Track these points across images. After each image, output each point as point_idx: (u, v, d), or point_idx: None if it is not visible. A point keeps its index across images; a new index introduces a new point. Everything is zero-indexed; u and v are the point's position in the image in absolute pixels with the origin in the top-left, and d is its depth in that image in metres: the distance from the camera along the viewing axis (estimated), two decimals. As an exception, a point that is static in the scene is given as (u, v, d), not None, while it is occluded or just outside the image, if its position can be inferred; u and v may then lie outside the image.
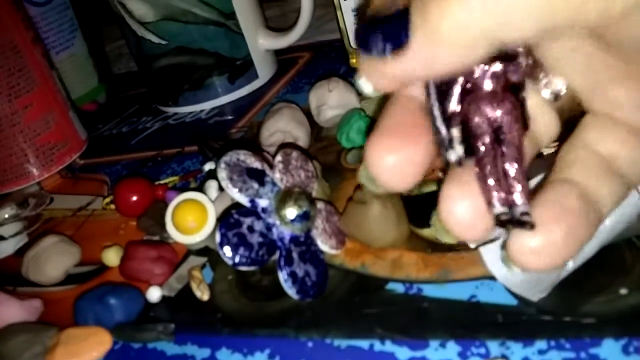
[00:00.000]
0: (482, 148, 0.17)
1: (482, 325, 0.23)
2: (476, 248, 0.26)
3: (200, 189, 0.36)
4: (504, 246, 0.18)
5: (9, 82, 0.44)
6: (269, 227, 0.27)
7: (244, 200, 0.27)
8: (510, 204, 0.17)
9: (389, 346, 0.23)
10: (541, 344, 0.21)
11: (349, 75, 0.46)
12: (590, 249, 0.23)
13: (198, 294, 0.29)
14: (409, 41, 0.16)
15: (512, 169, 0.17)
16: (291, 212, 0.27)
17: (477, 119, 0.17)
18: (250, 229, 0.26)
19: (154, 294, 0.30)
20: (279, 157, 0.29)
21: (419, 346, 0.23)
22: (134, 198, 0.37)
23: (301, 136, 0.38)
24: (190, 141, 0.47)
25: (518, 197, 0.17)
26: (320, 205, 0.29)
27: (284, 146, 0.32)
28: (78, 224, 0.41)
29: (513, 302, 0.24)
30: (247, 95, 0.54)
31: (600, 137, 0.19)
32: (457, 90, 0.18)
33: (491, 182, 0.17)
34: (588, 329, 0.21)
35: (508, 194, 0.17)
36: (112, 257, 0.34)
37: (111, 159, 0.50)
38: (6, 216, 0.42)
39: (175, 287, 0.31)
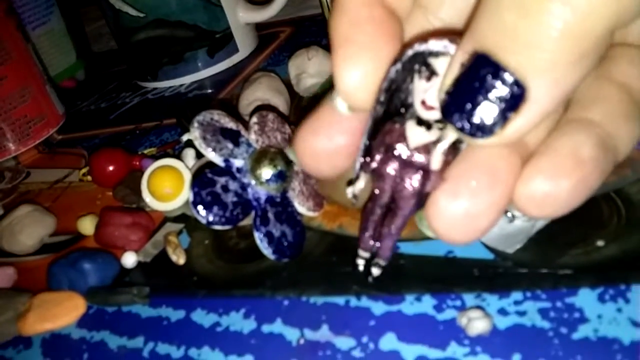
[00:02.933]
0: (375, 204, 0.19)
1: (458, 279, 0.23)
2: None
3: (178, 158, 0.36)
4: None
5: (-18, 54, 0.43)
6: (243, 187, 0.26)
7: (217, 159, 0.26)
8: (373, 254, 0.20)
9: (364, 302, 0.23)
10: (517, 295, 0.21)
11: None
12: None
13: (174, 258, 0.29)
14: (526, 90, 0.14)
15: (390, 231, 0.19)
16: (267, 172, 0.26)
17: (382, 185, 0.19)
18: (225, 188, 0.26)
19: (129, 259, 0.30)
20: (254, 119, 0.29)
21: (395, 301, 0.23)
22: (110, 168, 0.37)
23: (280, 104, 0.38)
24: (168, 114, 0.46)
25: (384, 253, 0.20)
26: (297, 167, 0.29)
27: (260, 108, 0.31)
28: (54, 195, 0.40)
29: (490, 256, 0.23)
30: (227, 69, 0.53)
31: (630, 70, 0.17)
32: (382, 149, 0.18)
33: (367, 234, 0.20)
34: (564, 280, 0.21)
35: (376, 247, 0.20)
36: (87, 225, 0.33)
37: (89, 133, 0.50)
38: (-19, 189, 0.41)
39: (151, 252, 0.30)
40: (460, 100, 0.15)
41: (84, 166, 0.42)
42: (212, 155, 0.26)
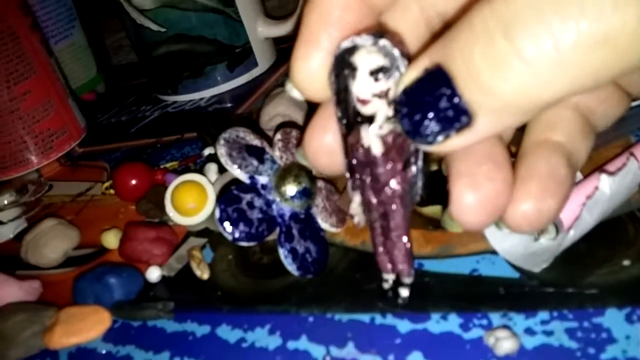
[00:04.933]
0: (372, 219, 0.19)
1: (483, 297, 0.23)
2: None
3: (200, 172, 0.36)
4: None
5: (7, 69, 0.44)
6: (268, 204, 0.27)
7: (243, 176, 0.27)
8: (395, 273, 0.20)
9: (390, 319, 0.23)
10: (544, 314, 0.21)
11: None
12: (592, 219, 0.23)
13: (198, 273, 0.29)
14: (472, 120, 0.15)
15: (392, 242, 0.19)
16: (291, 188, 0.27)
17: (366, 194, 0.19)
18: (250, 205, 0.26)
19: (154, 273, 0.30)
20: (278, 136, 0.29)
21: (421, 319, 0.23)
22: (133, 182, 0.37)
23: (301, 119, 0.38)
24: (189, 128, 0.47)
25: (401, 268, 0.20)
26: (320, 183, 0.29)
27: (283, 125, 0.31)
28: (77, 209, 0.41)
29: (515, 275, 0.23)
30: (247, 83, 0.54)
31: (583, 95, 0.19)
32: (355, 161, 0.19)
33: (380, 251, 0.20)
34: (591, 300, 0.21)
35: (393, 264, 0.20)
36: (111, 239, 0.34)
37: (110, 146, 0.50)
38: (5, 202, 0.41)
39: (175, 267, 0.31)
40: (412, 107, 0.16)
41: (107, 179, 0.43)
42: (237, 173, 0.26)
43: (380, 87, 0.17)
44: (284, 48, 0.59)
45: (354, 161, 0.19)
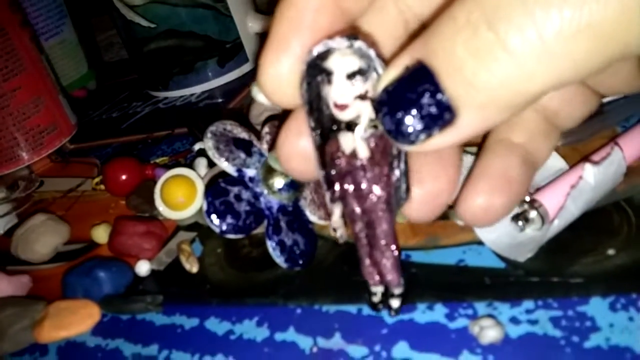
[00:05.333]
0: (356, 229, 0.19)
1: (469, 287, 0.23)
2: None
3: (190, 167, 0.36)
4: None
5: (-4, 65, 0.44)
6: (256, 196, 0.27)
7: (231, 169, 0.27)
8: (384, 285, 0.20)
9: (377, 310, 0.23)
10: (529, 303, 0.21)
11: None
12: (576, 209, 0.23)
13: (187, 266, 0.29)
14: (456, 117, 0.15)
15: (380, 251, 0.19)
16: (279, 181, 0.27)
17: (348, 204, 0.19)
18: (238, 197, 0.26)
19: (143, 267, 0.30)
20: (266, 129, 0.29)
21: (407, 309, 0.23)
22: (123, 177, 0.37)
23: (291, 113, 0.38)
24: (180, 123, 0.47)
25: (390, 277, 0.19)
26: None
27: (271, 118, 0.32)
28: (68, 204, 0.41)
29: (501, 265, 0.24)
30: (237, 78, 0.54)
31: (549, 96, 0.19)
32: (333, 171, 0.18)
33: (367, 264, 0.20)
34: (576, 289, 0.21)
35: (382, 276, 0.20)
36: (101, 234, 0.34)
37: (101, 142, 0.50)
38: (-5, 198, 0.41)
39: (164, 261, 0.31)
40: (393, 105, 0.15)
41: (97, 175, 0.43)
42: (225, 165, 0.26)
43: (359, 90, 0.16)
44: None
45: (333, 172, 0.18)
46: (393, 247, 0.19)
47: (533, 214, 0.24)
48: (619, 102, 0.29)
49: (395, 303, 0.20)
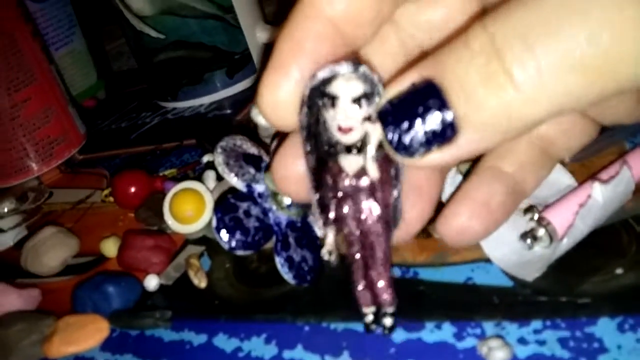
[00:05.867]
0: (352, 252, 0.19)
1: (477, 306, 0.23)
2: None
3: (199, 179, 0.36)
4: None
5: (8, 76, 0.44)
6: (265, 212, 0.27)
7: (240, 185, 0.27)
8: (377, 305, 0.20)
9: (385, 328, 0.23)
10: (537, 323, 0.21)
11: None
12: (585, 227, 0.23)
13: (195, 281, 0.29)
14: (456, 135, 0.16)
15: (377, 272, 0.19)
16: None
17: (346, 227, 0.19)
18: (247, 213, 0.26)
19: (152, 282, 0.30)
20: (275, 144, 0.29)
21: (415, 328, 0.23)
22: (132, 189, 0.37)
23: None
24: (188, 134, 0.47)
25: (384, 297, 0.20)
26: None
27: (280, 133, 0.32)
28: (77, 216, 0.41)
29: (509, 283, 0.24)
30: (246, 89, 0.54)
31: (547, 125, 0.20)
32: (330, 194, 0.19)
33: (360, 286, 0.20)
34: (584, 309, 0.21)
35: (375, 297, 0.20)
36: (110, 247, 0.34)
37: (110, 153, 0.51)
38: (5, 210, 0.42)
39: (173, 275, 0.31)
40: (399, 115, 0.16)
41: (106, 187, 0.43)
42: (234, 181, 0.27)
43: (363, 113, 0.17)
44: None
45: (330, 194, 0.19)
46: (388, 267, 0.19)
47: (541, 232, 0.24)
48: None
49: (388, 322, 0.20)
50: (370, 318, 0.20)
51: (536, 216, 0.24)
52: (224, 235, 0.25)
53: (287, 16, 0.18)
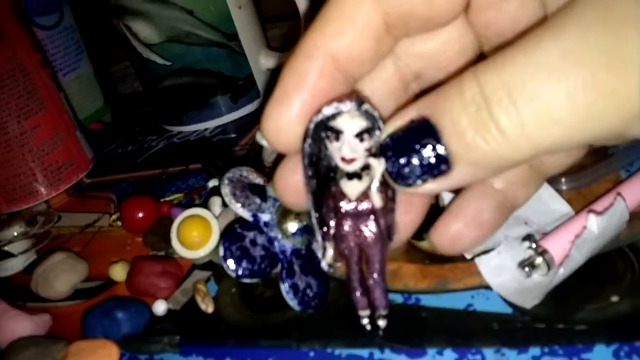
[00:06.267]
0: (350, 264, 0.21)
1: (478, 333, 0.24)
2: (472, 259, 0.27)
3: (205, 205, 0.37)
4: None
5: (18, 104, 0.45)
6: (270, 241, 0.28)
7: (246, 215, 0.28)
8: (372, 309, 0.22)
9: (388, 354, 0.24)
10: (535, 350, 0.22)
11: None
12: (581, 257, 0.24)
13: (203, 306, 0.30)
14: (450, 169, 0.17)
15: (374, 282, 0.21)
16: (292, 225, 0.28)
17: (346, 244, 0.21)
18: (253, 242, 0.27)
19: (160, 307, 0.31)
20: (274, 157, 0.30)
21: (417, 354, 0.24)
22: (140, 215, 0.38)
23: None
24: (194, 159, 0.48)
25: (380, 302, 0.21)
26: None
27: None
28: (85, 240, 0.42)
29: (508, 310, 0.24)
30: (250, 113, 0.55)
31: None
32: (331, 214, 0.20)
33: (358, 294, 0.21)
34: (580, 336, 0.22)
35: (370, 302, 0.21)
36: (119, 272, 0.35)
37: (117, 177, 0.51)
38: (15, 234, 0.43)
39: (181, 300, 0.32)
40: (397, 151, 0.18)
41: (114, 211, 0.44)
42: (241, 211, 0.28)
43: (364, 146, 0.18)
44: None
45: (331, 214, 0.20)
46: (384, 276, 0.21)
47: (539, 260, 0.24)
48: (623, 146, 0.30)
49: (382, 323, 0.22)
50: (365, 321, 0.22)
51: (534, 245, 0.25)
52: (231, 264, 0.26)
53: (291, 49, 0.20)
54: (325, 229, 0.21)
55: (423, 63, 0.22)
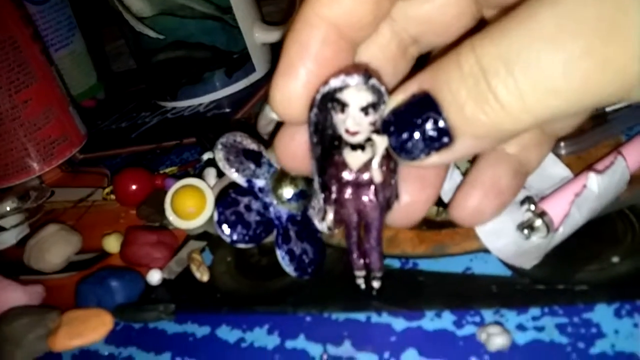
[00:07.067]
0: (349, 228, 0.22)
1: (476, 295, 0.23)
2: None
3: (199, 176, 0.36)
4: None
5: (8, 77, 0.45)
6: (266, 206, 0.27)
7: (241, 180, 0.27)
8: (367, 270, 0.23)
9: (385, 317, 0.24)
10: (535, 311, 0.22)
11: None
12: (581, 217, 0.23)
13: (197, 275, 0.30)
14: (452, 142, 0.17)
15: (371, 246, 0.22)
16: (287, 191, 0.27)
17: (346, 210, 0.21)
18: (248, 207, 0.27)
19: (154, 276, 0.30)
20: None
21: (415, 317, 0.23)
22: (134, 187, 0.38)
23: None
24: (188, 133, 0.48)
25: (375, 265, 0.23)
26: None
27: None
28: (79, 214, 0.41)
29: (507, 273, 0.24)
30: (245, 88, 0.54)
31: None
32: (333, 180, 0.21)
33: (354, 255, 0.23)
34: (581, 296, 0.22)
35: (366, 264, 0.23)
36: (112, 243, 0.34)
37: (111, 152, 0.51)
38: (7, 209, 0.42)
39: (175, 270, 0.31)
40: (400, 126, 0.18)
41: (107, 185, 0.43)
42: (235, 176, 0.27)
43: (369, 120, 0.19)
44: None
45: (333, 180, 0.21)
46: (380, 242, 0.22)
47: (538, 222, 0.24)
48: (623, 111, 0.30)
49: (376, 284, 0.23)
50: (361, 280, 0.24)
51: (533, 207, 0.24)
52: (225, 229, 0.26)
53: (290, 20, 0.20)
54: (327, 193, 0.21)
55: (420, 27, 0.22)
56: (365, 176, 0.20)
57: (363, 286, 0.24)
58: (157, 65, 0.53)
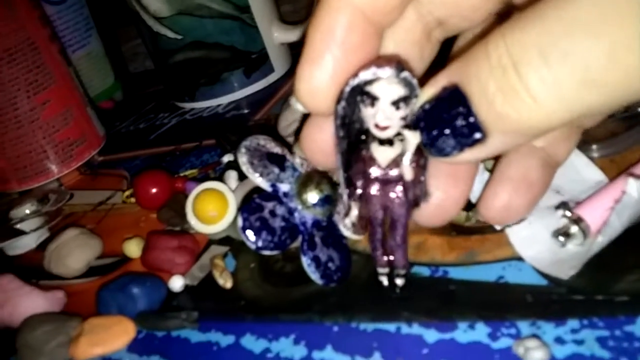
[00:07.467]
0: (374, 225, 0.21)
1: (511, 305, 0.23)
2: (502, 230, 0.25)
3: (220, 179, 0.36)
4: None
5: (27, 79, 0.44)
6: (290, 212, 0.26)
7: (265, 184, 0.26)
8: (391, 268, 0.23)
9: (416, 329, 0.23)
10: (573, 322, 0.21)
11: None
12: (620, 224, 0.23)
13: (221, 282, 0.29)
14: (484, 138, 0.16)
15: (396, 244, 0.22)
16: (313, 196, 0.26)
17: (372, 206, 0.21)
18: (272, 213, 0.26)
19: (177, 282, 0.30)
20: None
21: (447, 328, 0.22)
22: (154, 190, 0.37)
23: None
24: (207, 135, 0.47)
25: (399, 263, 0.22)
26: (341, 190, 0.29)
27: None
28: (98, 218, 0.41)
29: (542, 282, 0.23)
30: (263, 89, 0.54)
31: None
32: (359, 176, 0.20)
33: (378, 252, 0.22)
34: (622, 307, 0.21)
35: (390, 261, 0.22)
36: (133, 248, 0.34)
37: (129, 154, 0.51)
38: (27, 212, 0.42)
39: (198, 275, 0.31)
40: (430, 123, 0.17)
41: (127, 188, 0.43)
42: (259, 181, 0.26)
43: (400, 114, 0.18)
44: (299, 53, 0.58)
45: (359, 175, 0.20)
46: (406, 239, 0.22)
47: (574, 229, 0.23)
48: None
49: (399, 281, 0.23)
50: (384, 277, 0.23)
51: (568, 213, 0.24)
52: (250, 235, 0.25)
53: (315, 7, 0.19)
54: (352, 188, 0.21)
55: (446, 9, 0.20)
56: (394, 172, 0.20)
57: (386, 283, 0.23)
58: (175, 66, 0.53)
